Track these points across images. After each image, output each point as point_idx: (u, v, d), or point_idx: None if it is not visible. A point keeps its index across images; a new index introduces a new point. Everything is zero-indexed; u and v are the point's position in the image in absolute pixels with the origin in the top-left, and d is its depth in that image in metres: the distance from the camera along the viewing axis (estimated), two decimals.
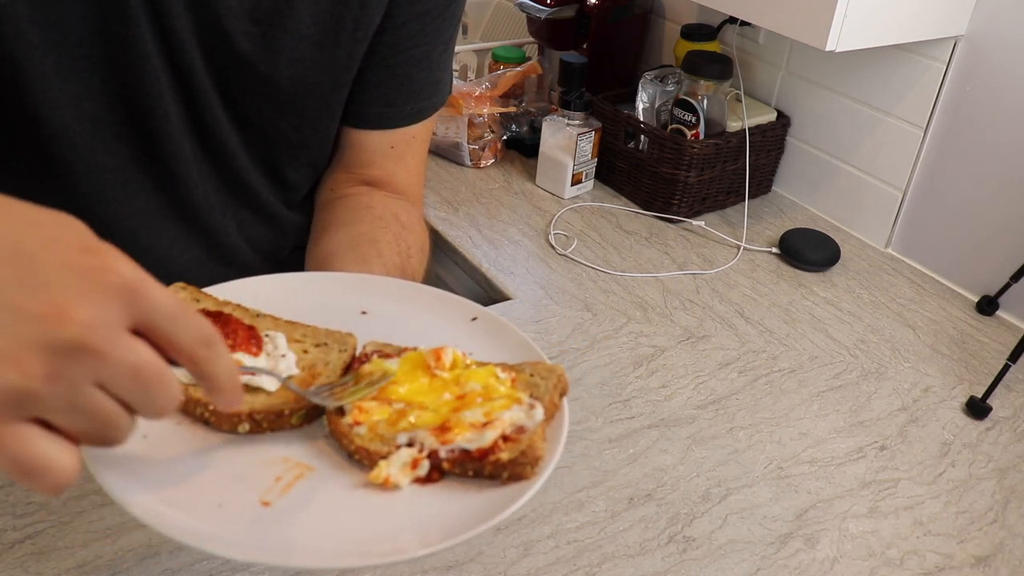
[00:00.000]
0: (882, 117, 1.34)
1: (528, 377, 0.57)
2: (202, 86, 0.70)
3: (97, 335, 0.37)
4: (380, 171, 0.85)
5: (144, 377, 0.39)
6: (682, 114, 1.37)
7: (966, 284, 1.29)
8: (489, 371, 0.56)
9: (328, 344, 0.59)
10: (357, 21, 0.74)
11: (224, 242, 0.82)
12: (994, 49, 1.19)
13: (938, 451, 0.98)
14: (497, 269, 1.25)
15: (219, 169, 0.77)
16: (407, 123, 0.84)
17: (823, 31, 1.06)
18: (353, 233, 0.78)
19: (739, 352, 1.11)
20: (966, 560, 0.84)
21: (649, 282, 1.24)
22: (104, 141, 0.69)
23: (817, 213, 1.47)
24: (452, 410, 0.53)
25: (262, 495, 0.49)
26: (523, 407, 0.53)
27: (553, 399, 0.55)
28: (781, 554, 0.82)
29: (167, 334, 0.40)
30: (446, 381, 0.55)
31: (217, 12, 0.67)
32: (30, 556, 0.73)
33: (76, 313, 0.36)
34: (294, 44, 0.72)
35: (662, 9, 1.64)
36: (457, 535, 0.47)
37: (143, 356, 0.39)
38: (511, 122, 1.61)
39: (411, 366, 0.56)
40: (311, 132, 0.80)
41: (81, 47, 0.64)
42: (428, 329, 0.63)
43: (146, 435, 0.50)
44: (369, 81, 0.80)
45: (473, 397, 0.54)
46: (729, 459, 0.93)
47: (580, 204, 1.44)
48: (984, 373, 1.10)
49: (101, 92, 0.67)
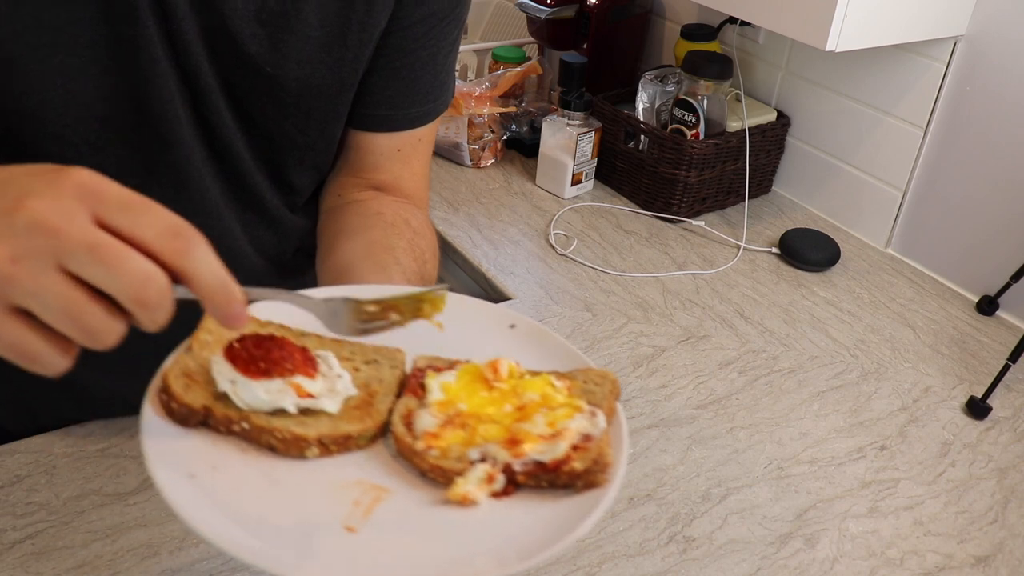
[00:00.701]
0: (882, 117, 1.34)
1: (582, 384, 0.57)
2: (208, 87, 0.70)
3: (49, 216, 0.40)
4: (387, 175, 0.85)
5: (103, 253, 0.40)
6: (682, 114, 1.37)
7: (966, 284, 1.29)
8: (545, 380, 0.56)
9: (379, 360, 0.59)
10: (363, 23, 0.74)
11: (229, 246, 0.82)
12: (994, 49, 1.19)
13: (938, 451, 0.98)
14: (497, 269, 1.25)
15: (224, 172, 0.77)
16: (413, 126, 0.84)
17: (823, 31, 1.06)
18: (367, 240, 0.78)
19: (739, 352, 1.11)
20: (966, 560, 0.84)
21: (649, 282, 1.24)
22: (111, 143, 0.69)
23: (817, 213, 1.47)
24: (515, 421, 0.53)
25: (344, 521, 0.49)
26: (585, 415, 0.53)
27: (611, 404, 0.56)
28: (781, 554, 0.82)
29: (126, 226, 0.41)
30: (504, 392, 0.55)
31: (223, 13, 0.66)
32: (30, 556, 0.73)
33: (32, 201, 0.40)
34: (300, 46, 0.71)
35: (662, 9, 1.64)
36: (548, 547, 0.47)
37: (101, 236, 0.40)
38: (511, 122, 1.61)
39: (469, 379, 0.56)
40: (317, 135, 0.80)
41: (92, 49, 0.64)
42: (469, 338, 0.62)
43: (215, 466, 0.50)
44: (375, 83, 0.80)
45: (534, 407, 0.54)
46: (729, 459, 0.93)
47: (580, 204, 1.44)
48: (984, 373, 1.10)
49: (112, 95, 0.66)
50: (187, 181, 0.74)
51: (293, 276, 0.93)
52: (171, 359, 0.54)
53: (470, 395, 0.55)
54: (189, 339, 0.55)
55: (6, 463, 0.81)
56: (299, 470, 0.52)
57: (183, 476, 0.48)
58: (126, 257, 0.40)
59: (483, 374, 0.57)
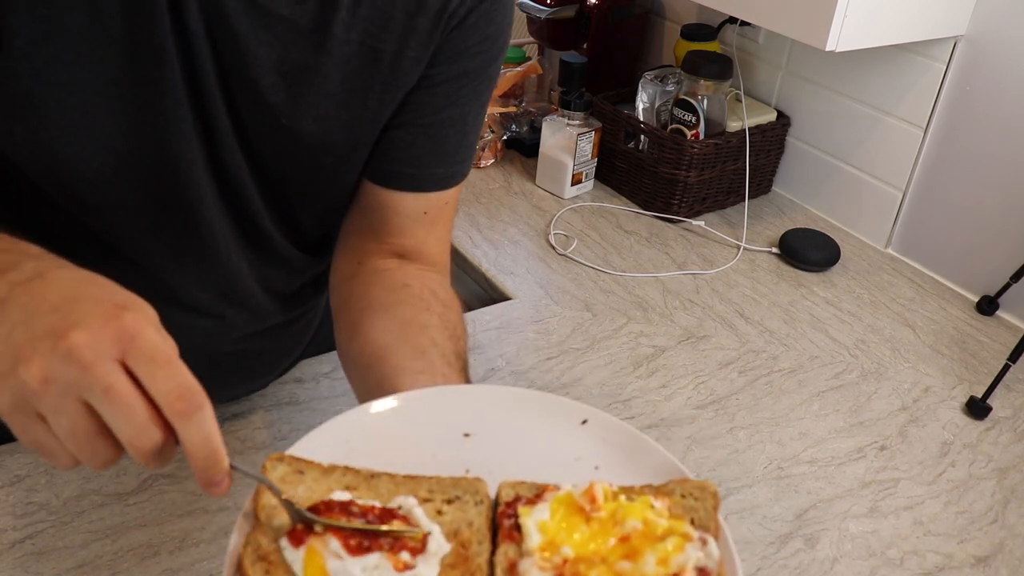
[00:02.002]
0: (882, 117, 1.34)
1: (680, 499, 0.53)
2: (223, 129, 0.69)
3: (85, 352, 0.45)
4: (411, 240, 0.81)
5: (114, 397, 0.45)
6: (682, 114, 1.37)
7: (966, 284, 1.29)
8: (644, 503, 0.52)
9: (461, 497, 0.53)
10: (386, 84, 0.72)
11: (235, 283, 0.81)
12: (994, 49, 1.19)
13: (938, 451, 0.98)
14: (497, 269, 1.25)
15: (235, 212, 0.76)
16: (439, 187, 0.80)
17: (823, 31, 1.06)
18: (399, 319, 0.74)
19: (739, 352, 1.11)
20: (966, 560, 0.84)
21: (649, 282, 1.24)
22: (125, 180, 0.69)
23: (817, 213, 1.47)
24: (624, 558, 0.50)
25: None
26: (695, 544, 0.50)
27: (716, 523, 0.52)
28: (781, 554, 0.82)
29: (143, 376, 0.46)
30: (604, 522, 0.51)
31: (244, 62, 0.65)
32: (30, 556, 0.73)
33: (76, 334, 0.45)
34: (319, 101, 0.70)
35: (662, 9, 1.64)
36: None
37: (118, 380, 0.45)
38: (511, 122, 1.61)
39: (565, 512, 0.52)
40: (327, 185, 0.78)
41: (115, 87, 0.63)
42: (541, 443, 0.58)
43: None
44: (401, 140, 0.76)
45: (639, 539, 0.50)
46: (729, 459, 0.93)
47: (580, 204, 1.44)
48: (984, 373, 1.10)
49: (130, 133, 0.66)
50: (199, 220, 0.73)
51: (296, 308, 0.92)
52: (237, 536, 0.49)
53: (570, 532, 0.51)
54: (250, 504, 0.51)
55: (6, 463, 0.81)
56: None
57: None
58: (130, 406, 0.45)
59: (578, 504, 0.52)
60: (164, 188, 0.70)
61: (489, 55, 0.76)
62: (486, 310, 1.16)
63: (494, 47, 0.76)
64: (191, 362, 0.51)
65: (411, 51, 0.71)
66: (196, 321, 0.82)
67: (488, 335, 1.10)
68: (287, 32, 0.66)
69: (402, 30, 0.70)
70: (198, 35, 0.63)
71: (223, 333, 0.85)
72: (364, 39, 0.69)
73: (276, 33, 0.66)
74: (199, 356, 0.54)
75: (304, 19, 0.66)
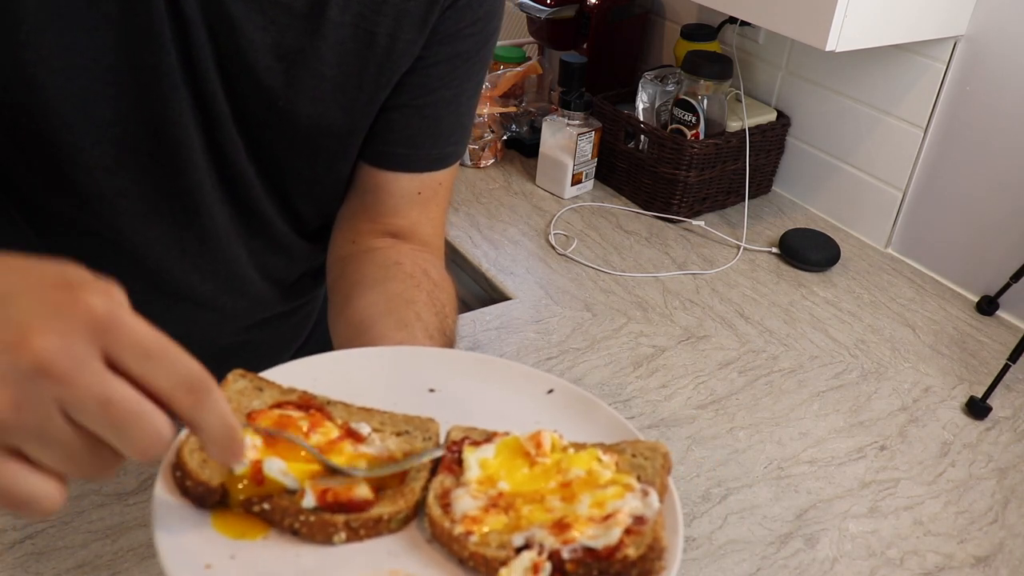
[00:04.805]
0: (882, 117, 1.34)
1: (631, 458, 0.53)
2: (222, 114, 0.69)
3: (57, 360, 0.36)
4: (405, 220, 0.82)
5: (116, 412, 0.37)
6: (682, 114, 1.37)
7: (966, 284, 1.29)
8: (591, 454, 0.52)
9: (410, 432, 0.55)
10: (381, 67, 0.73)
11: (235, 270, 0.81)
12: (994, 49, 1.19)
13: (938, 451, 0.98)
14: (497, 269, 1.25)
15: (234, 199, 0.76)
16: (434, 168, 0.81)
17: (823, 31, 1.06)
18: (387, 294, 0.75)
19: (739, 352, 1.11)
20: (966, 560, 0.84)
21: (649, 282, 1.24)
22: (125, 166, 0.69)
23: (817, 213, 1.47)
24: (560, 500, 0.50)
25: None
26: (636, 494, 0.49)
27: (663, 481, 0.52)
28: (781, 554, 0.82)
29: (139, 374, 0.38)
30: (547, 468, 0.52)
31: (239, 45, 0.66)
32: (30, 556, 0.73)
33: (36, 340, 0.36)
34: (315, 83, 0.70)
35: (662, 9, 1.64)
36: None
37: (116, 389, 0.37)
38: (511, 122, 1.61)
39: (509, 454, 0.52)
40: (324, 170, 0.78)
41: (113, 73, 0.63)
42: (504, 405, 0.59)
43: (233, 555, 0.46)
44: (396, 120, 0.77)
45: (580, 485, 0.50)
46: (729, 459, 0.93)
47: (580, 204, 1.44)
48: (984, 373, 1.10)
49: (131, 119, 0.66)
50: (197, 206, 0.74)
51: (296, 299, 0.92)
52: (185, 432, 0.48)
53: (511, 472, 0.52)
54: None
55: None
56: (325, 558, 0.47)
57: (199, 567, 0.45)
58: (138, 415, 0.38)
59: (524, 448, 0.53)
60: (163, 174, 0.71)
61: (481, 36, 0.77)
62: (486, 310, 1.16)
63: (486, 28, 0.78)
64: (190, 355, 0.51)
65: (405, 34, 0.72)
66: (195, 313, 0.82)
67: (488, 335, 1.10)
68: (282, 16, 0.67)
69: (396, 13, 0.71)
70: (194, 20, 0.64)
71: (222, 324, 0.86)
72: (358, 22, 0.70)
73: (271, 17, 0.66)
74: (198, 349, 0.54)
75: (299, 3, 0.67)
